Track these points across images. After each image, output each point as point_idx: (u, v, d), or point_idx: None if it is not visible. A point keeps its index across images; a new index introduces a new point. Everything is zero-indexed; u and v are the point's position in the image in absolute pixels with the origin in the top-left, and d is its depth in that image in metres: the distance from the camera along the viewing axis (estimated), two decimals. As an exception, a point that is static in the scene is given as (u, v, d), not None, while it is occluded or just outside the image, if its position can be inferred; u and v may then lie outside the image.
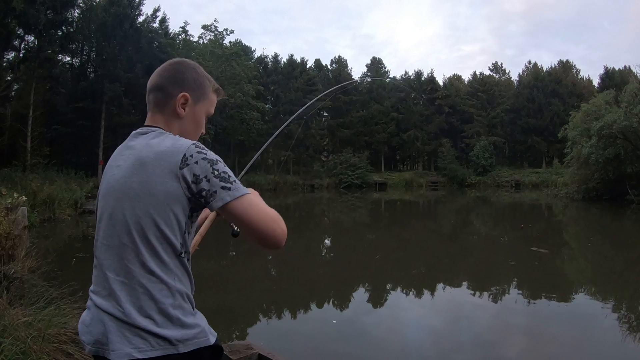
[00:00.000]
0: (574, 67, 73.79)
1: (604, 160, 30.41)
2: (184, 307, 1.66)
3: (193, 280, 1.79)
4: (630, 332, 7.96)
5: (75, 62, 42.78)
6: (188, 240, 1.72)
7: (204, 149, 1.66)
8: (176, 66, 1.87)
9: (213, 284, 10.91)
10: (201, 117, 1.91)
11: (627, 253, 16.01)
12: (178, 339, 1.59)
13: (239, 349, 2.89)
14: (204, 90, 1.89)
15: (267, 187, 49.80)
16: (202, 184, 1.60)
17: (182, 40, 48.92)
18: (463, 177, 61.72)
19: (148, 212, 1.61)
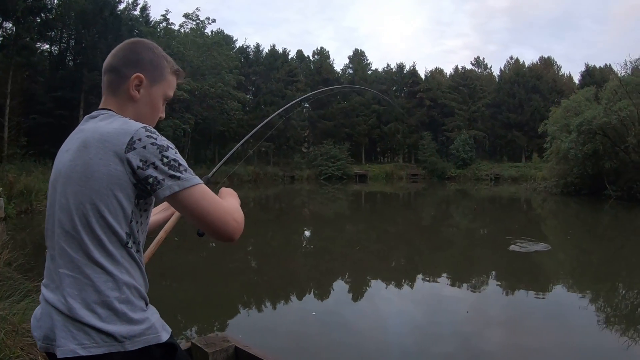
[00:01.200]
0: (555, 63, 74.37)
1: (583, 156, 30.77)
2: (132, 301, 1.55)
3: (145, 273, 1.69)
4: (608, 324, 8.07)
5: (54, 50, 42.07)
6: (137, 230, 1.61)
7: (154, 133, 1.55)
8: (131, 46, 1.76)
9: (194, 275, 10.83)
10: (158, 100, 1.80)
11: (605, 247, 16.22)
12: (124, 335, 1.49)
13: (215, 341, 2.83)
14: (161, 71, 1.79)
15: (247, 178, 49.67)
16: (149, 170, 1.50)
17: (163, 29, 48.35)
18: (443, 170, 61.98)
19: (90, 198, 1.51)
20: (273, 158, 59.90)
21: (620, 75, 32.11)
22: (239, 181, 47.98)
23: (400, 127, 64.96)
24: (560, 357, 6.53)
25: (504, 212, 29.08)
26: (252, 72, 60.73)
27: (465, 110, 66.08)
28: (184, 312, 8.11)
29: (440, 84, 69.85)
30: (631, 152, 29.46)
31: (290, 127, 58.48)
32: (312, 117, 63.87)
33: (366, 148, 68.20)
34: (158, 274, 10.48)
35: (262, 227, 20.04)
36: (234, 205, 1.74)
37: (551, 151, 36.40)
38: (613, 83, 32.64)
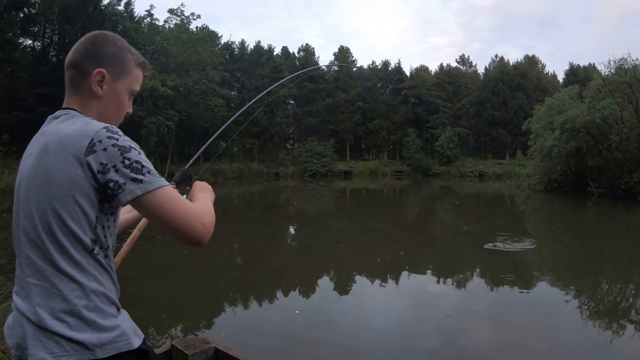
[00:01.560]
0: (540, 62, 74.96)
1: (566, 153, 31.03)
2: (102, 308, 1.49)
3: (115, 278, 1.63)
4: (591, 318, 8.14)
5: (36, 45, 41.57)
6: (103, 235, 1.54)
7: (116, 133, 1.47)
8: (93, 39, 1.66)
9: (178, 273, 10.73)
10: (122, 95, 1.70)
11: (588, 243, 16.35)
12: (94, 343, 1.44)
13: (195, 343, 2.80)
14: (125, 65, 1.69)
15: (232, 175, 49.53)
16: (110, 174, 1.43)
17: (147, 24, 48.06)
18: (428, 166, 62.25)
19: (52, 205, 1.45)
20: (258, 155, 59.81)
21: (604, 75, 32.37)
22: (224, 178, 47.89)
23: (385, 123, 65.08)
24: (544, 352, 6.56)
25: (489, 208, 29.24)
26: (237, 68, 60.45)
27: (450, 107, 66.33)
28: (169, 311, 8.05)
29: (425, 81, 70.09)
30: (614, 150, 29.74)
31: (275, 123, 58.44)
32: (297, 114, 63.84)
33: (351, 145, 68.27)
34: (143, 272, 10.42)
35: (247, 224, 20.01)
36: (203, 206, 1.68)
37: (535, 148, 36.80)
38: (597, 82, 32.95)
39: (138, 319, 5.62)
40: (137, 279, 9.96)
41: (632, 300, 9.65)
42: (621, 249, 15.75)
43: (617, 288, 10.61)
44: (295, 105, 65.27)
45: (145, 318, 7.45)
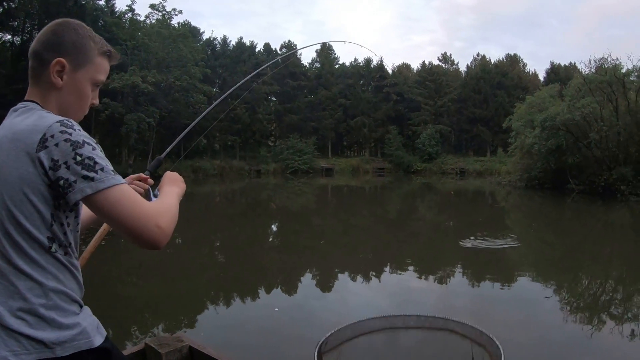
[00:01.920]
0: (521, 61, 75.61)
1: (546, 151, 31.41)
2: (61, 306, 1.44)
3: (78, 274, 1.55)
4: (571, 313, 8.22)
5: (16, 40, 41.10)
6: (62, 233, 1.47)
7: (70, 127, 1.40)
8: (54, 28, 1.59)
9: (159, 272, 10.63)
10: (84, 86, 1.61)
11: (568, 239, 16.49)
12: (54, 341, 1.40)
13: (169, 341, 2.74)
14: (86, 53, 1.60)
15: (213, 172, 49.30)
16: (60, 171, 1.36)
17: (128, 20, 47.64)
18: (409, 164, 62.48)
19: (4, 203, 1.40)
20: (239, 152, 59.52)
21: (584, 74, 32.76)
22: (205, 175, 47.67)
23: (367, 121, 65.19)
24: (526, 346, 6.58)
25: (470, 205, 29.40)
26: (219, 65, 60.16)
27: (431, 105, 66.58)
28: (150, 310, 7.98)
29: (407, 78, 70.35)
30: (593, 148, 30.12)
31: (256, 120, 58.23)
32: (279, 111, 63.67)
33: (332, 142, 68.22)
34: (124, 271, 10.33)
35: (229, 222, 19.93)
36: (163, 205, 1.60)
37: (515, 146, 37.25)
38: (577, 81, 33.38)
39: (120, 318, 5.58)
40: (119, 278, 9.88)
41: (612, 295, 9.75)
42: (600, 245, 15.95)
43: (596, 283, 10.72)
44: (276, 102, 65.12)
45: (127, 317, 7.39)
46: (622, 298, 9.50)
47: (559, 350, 6.57)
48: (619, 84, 29.62)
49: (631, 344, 6.73)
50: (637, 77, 30.25)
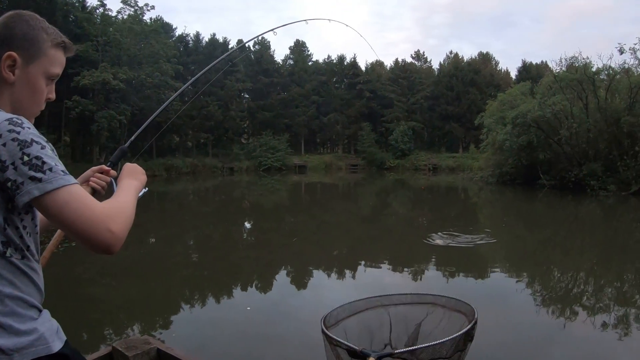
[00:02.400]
0: (494, 59, 76.54)
1: (518, 147, 31.86)
2: (18, 312, 1.39)
3: (37, 281, 1.49)
4: (543, 305, 8.33)
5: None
6: (18, 237, 1.40)
7: (19, 125, 1.33)
8: (5, 20, 1.52)
9: (133, 273, 10.45)
10: (38, 80, 1.54)
11: (539, 234, 16.71)
12: (11, 348, 1.35)
13: (136, 344, 2.69)
14: (39, 46, 1.52)
15: (185, 171, 48.91)
16: (8, 172, 1.29)
17: (99, 15, 46.90)
18: (382, 160, 62.82)
19: None
20: (212, 150, 59.09)
21: (555, 72, 33.22)
22: (177, 173, 47.25)
23: (340, 118, 65.32)
24: (500, 339, 6.64)
25: (442, 201, 29.63)
26: (191, 61, 59.34)
27: (404, 102, 66.98)
28: (124, 312, 7.85)
29: (380, 76, 70.62)
30: (564, 144, 30.60)
31: (229, 118, 57.85)
32: (252, 108, 63.44)
33: (305, 139, 68.22)
34: (97, 273, 10.17)
35: (202, 220, 19.80)
36: (117, 205, 1.50)
37: (487, 142, 37.72)
38: (548, 79, 33.95)
39: (92, 321, 5.49)
40: (91, 280, 9.72)
41: (583, 287, 9.91)
42: (571, 238, 16.22)
43: (568, 276, 10.86)
44: (249, 99, 64.85)
45: (100, 320, 7.28)
46: (593, 290, 9.67)
47: (533, 343, 6.64)
48: (589, 82, 30.13)
49: (603, 334, 6.83)
50: (606, 75, 30.72)
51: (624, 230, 17.89)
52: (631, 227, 18.63)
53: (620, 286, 9.90)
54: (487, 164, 38.84)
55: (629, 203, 24.57)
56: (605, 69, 30.64)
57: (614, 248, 14.31)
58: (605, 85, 30.60)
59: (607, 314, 7.83)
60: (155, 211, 22.54)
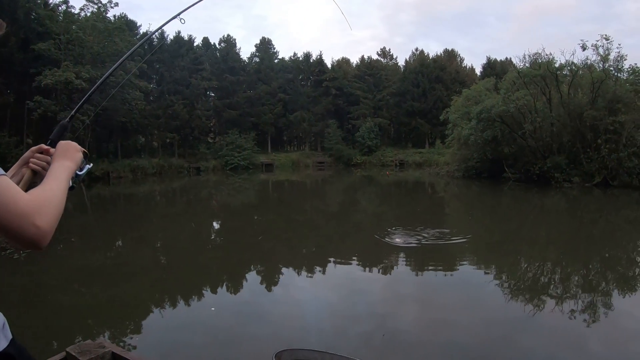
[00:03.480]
0: (459, 56, 77.50)
1: (483, 142, 32.35)
2: None
3: None
4: (512, 295, 8.47)
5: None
6: None
7: None
8: None
9: (101, 277, 10.20)
10: None
11: (505, 225, 16.96)
12: None
13: (90, 348, 2.62)
14: None
15: (152, 171, 48.28)
16: None
17: (62, 12, 45.86)
18: (349, 157, 63.05)
19: None
20: (178, 149, 58.42)
21: (519, 68, 33.64)
22: (143, 174, 46.64)
23: (306, 115, 65.29)
24: (471, 328, 6.70)
25: (410, 196, 29.79)
26: (156, 59, 58.56)
27: (370, 99, 67.30)
28: (94, 318, 7.66)
29: (346, 73, 70.81)
30: (528, 138, 31.16)
31: (194, 117, 57.24)
32: (218, 107, 62.83)
33: (272, 137, 68.00)
34: (65, 279, 9.95)
35: (170, 222, 19.55)
36: (44, 194, 1.31)
37: (452, 137, 38.24)
38: (512, 74, 34.52)
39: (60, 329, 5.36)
40: (59, 286, 9.50)
41: (550, 276, 10.06)
42: (537, 229, 16.47)
43: (535, 266, 11.03)
44: (215, 98, 64.24)
45: (71, 326, 7.11)
46: (559, 279, 9.83)
47: (504, 332, 6.72)
48: (552, 78, 30.71)
49: (571, 322, 6.94)
50: (569, 71, 31.28)
51: (588, 221, 18.26)
52: (595, 217, 19.00)
53: (586, 274, 10.08)
54: (453, 159, 39.35)
55: (593, 194, 25.07)
56: (568, 65, 31.33)
57: (579, 238, 14.60)
58: (568, 80, 31.25)
59: (575, 302, 7.97)
60: (122, 214, 22.26)
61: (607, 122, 27.48)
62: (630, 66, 30.01)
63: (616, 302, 8.05)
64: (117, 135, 49.67)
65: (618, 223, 17.65)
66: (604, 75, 28.99)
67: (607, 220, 18.26)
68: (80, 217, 20.19)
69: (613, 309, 7.66)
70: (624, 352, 6.05)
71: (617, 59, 29.72)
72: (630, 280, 9.64)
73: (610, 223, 17.72)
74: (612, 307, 7.73)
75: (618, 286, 9.15)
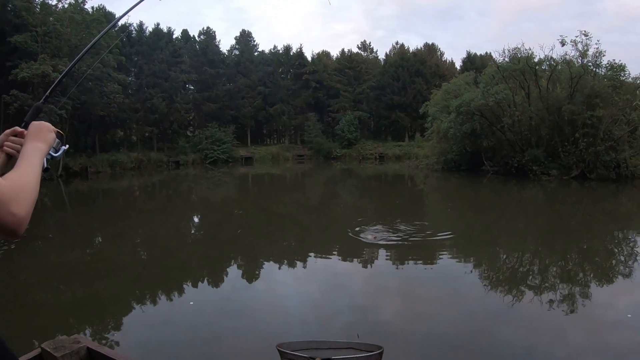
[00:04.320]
0: (439, 50, 77.92)
1: (462, 135, 32.60)
2: None
3: None
4: (491, 287, 8.57)
5: None
6: None
7: None
8: None
9: (80, 274, 10.10)
10: None
11: (484, 217, 17.12)
12: None
13: (65, 344, 2.61)
14: None
15: (130, 166, 47.80)
16: None
17: (39, 4, 45.13)
18: (329, 150, 63.02)
19: None
20: (157, 143, 57.85)
21: (499, 62, 33.83)
22: (122, 169, 46.19)
23: (286, 108, 65.13)
24: (451, 319, 6.77)
25: (389, 189, 29.92)
26: (134, 52, 57.69)
27: (350, 92, 67.27)
28: (74, 316, 7.59)
29: (326, 66, 70.66)
30: (506, 131, 31.40)
31: (174, 110, 56.67)
32: (197, 100, 62.31)
33: (252, 130, 67.68)
34: (44, 277, 9.84)
35: (149, 217, 19.42)
36: (19, 179, 1.27)
37: (432, 131, 38.51)
38: (491, 69, 34.73)
39: (42, 327, 5.30)
40: (38, 284, 9.38)
41: (529, 267, 10.18)
42: (515, 221, 16.65)
43: (513, 257, 11.16)
44: (194, 91, 63.71)
45: (50, 325, 7.03)
46: (538, 270, 9.96)
47: (483, 321, 6.80)
48: (532, 72, 30.98)
49: (549, 312, 7.03)
50: (548, 66, 31.51)
51: (566, 213, 18.47)
52: (573, 210, 19.25)
53: (564, 266, 10.22)
54: (432, 152, 39.58)
55: (571, 187, 25.37)
56: (547, 59, 31.49)
57: (557, 230, 14.77)
58: (547, 75, 31.51)
59: (553, 293, 8.08)
60: (101, 209, 22.07)
61: (585, 117, 27.76)
62: (609, 62, 30.31)
63: (594, 292, 8.18)
64: (95, 129, 49.04)
65: (595, 215, 17.90)
66: (582, 71, 29.27)
67: (585, 213, 18.51)
68: (58, 213, 20.01)
69: (591, 299, 7.78)
70: (601, 342, 6.15)
71: (596, 54, 30.04)
72: (607, 271, 9.78)
73: (588, 215, 17.97)
74: (590, 297, 7.85)
75: (595, 277, 9.29)
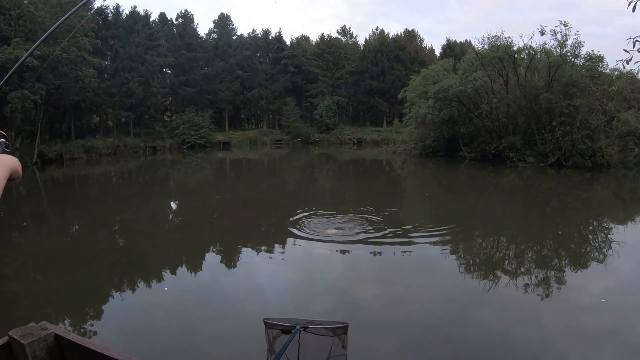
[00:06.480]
0: (419, 36, 77.53)
1: (440, 121, 32.76)
2: None
3: None
4: (468, 271, 8.66)
5: None
6: None
7: None
8: None
9: (57, 263, 10.00)
10: None
11: (461, 202, 17.28)
12: None
13: (32, 331, 2.60)
14: None
15: (106, 152, 47.24)
16: None
17: (13, -15, 44.21)
18: (307, 134, 62.86)
19: None
20: (134, 128, 57.22)
21: (478, 49, 33.93)
22: (98, 155, 45.63)
23: (264, 93, 64.82)
24: (428, 302, 6.85)
25: (367, 174, 30.04)
26: (110, 35, 56.67)
27: (329, 77, 67.14)
28: (52, 306, 7.53)
29: (305, 51, 70.45)
30: (484, 118, 31.64)
31: (150, 94, 56.00)
32: (174, 84, 61.61)
33: (230, 115, 67.24)
34: (20, 267, 9.73)
35: (126, 203, 19.23)
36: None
37: (410, 116, 38.59)
38: (470, 56, 34.86)
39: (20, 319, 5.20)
40: (14, 275, 9.27)
41: (505, 252, 10.32)
42: (491, 207, 16.82)
43: (489, 242, 11.29)
44: (171, 75, 63.00)
45: (27, 316, 6.94)
46: (514, 255, 10.10)
47: (460, 306, 6.88)
48: (510, 60, 31.18)
49: (525, 297, 7.15)
50: (527, 55, 31.68)
51: (542, 199, 18.71)
52: (549, 196, 19.49)
53: (539, 251, 10.38)
54: (410, 137, 39.70)
55: (547, 174, 25.65)
56: (526, 48, 31.67)
57: (533, 216, 14.96)
58: (526, 63, 31.65)
59: (529, 277, 8.22)
60: (77, 196, 21.84)
61: (562, 105, 28.04)
62: (588, 53, 30.57)
63: (568, 277, 8.33)
64: (70, 115, 48.30)
65: (570, 202, 18.14)
66: (560, 60, 29.49)
67: (560, 199, 18.74)
68: (33, 201, 19.75)
69: (566, 284, 7.92)
70: (576, 325, 6.26)
71: (575, 45, 30.21)
72: (582, 256, 9.96)
73: (563, 202, 18.20)
74: (565, 282, 7.99)
75: (570, 262, 9.45)
